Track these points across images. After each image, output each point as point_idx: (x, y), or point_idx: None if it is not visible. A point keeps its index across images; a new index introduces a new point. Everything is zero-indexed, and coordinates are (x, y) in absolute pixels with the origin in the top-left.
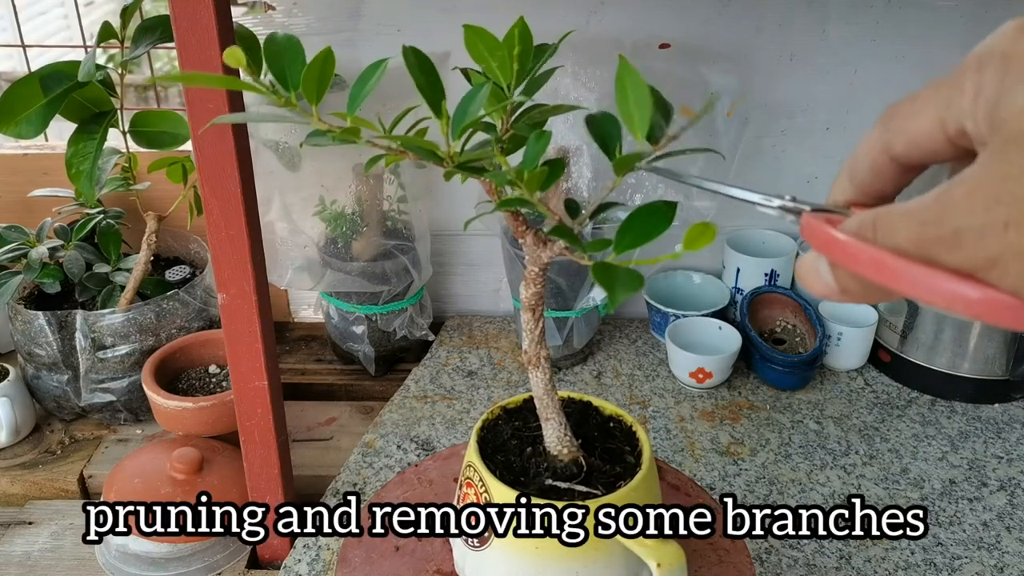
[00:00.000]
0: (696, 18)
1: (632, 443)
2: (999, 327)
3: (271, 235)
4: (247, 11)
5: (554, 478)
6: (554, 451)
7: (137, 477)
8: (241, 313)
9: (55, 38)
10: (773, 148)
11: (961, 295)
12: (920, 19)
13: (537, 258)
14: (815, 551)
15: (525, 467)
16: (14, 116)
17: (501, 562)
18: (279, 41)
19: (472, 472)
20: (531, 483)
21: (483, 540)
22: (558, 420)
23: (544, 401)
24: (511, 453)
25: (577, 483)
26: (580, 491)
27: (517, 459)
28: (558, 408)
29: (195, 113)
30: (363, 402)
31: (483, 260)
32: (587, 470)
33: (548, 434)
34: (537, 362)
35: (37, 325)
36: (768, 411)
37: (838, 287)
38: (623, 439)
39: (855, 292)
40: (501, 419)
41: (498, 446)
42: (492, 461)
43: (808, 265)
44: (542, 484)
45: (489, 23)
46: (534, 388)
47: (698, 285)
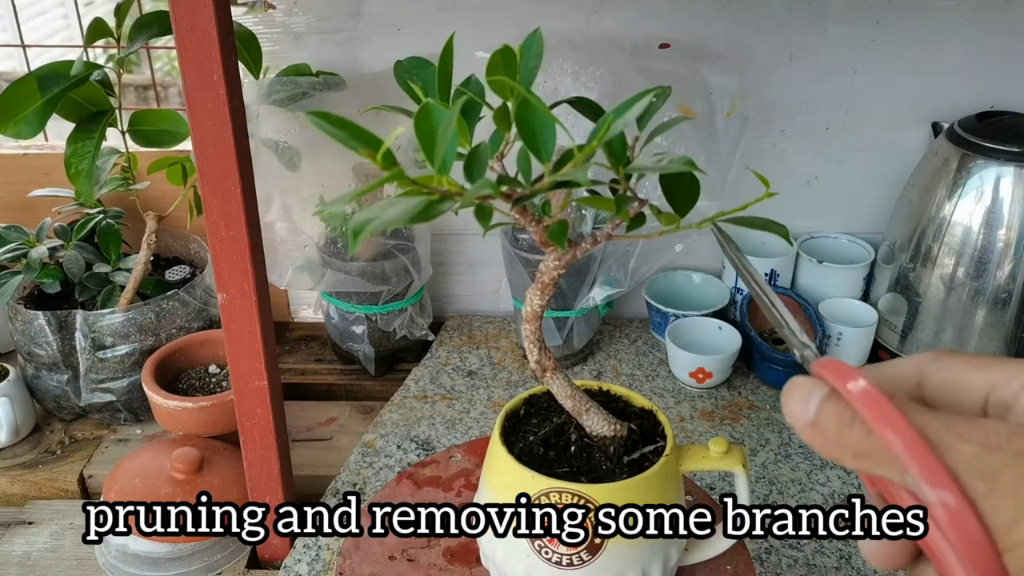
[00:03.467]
0: (696, 18)
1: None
2: (943, 534)
3: (271, 235)
4: (247, 11)
5: (627, 453)
6: (609, 432)
7: (137, 477)
8: (241, 313)
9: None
10: (773, 148)
11: (944, 502)
12: (920, 19)
13: (567, 261)
14: (815, 551)
15: (589, 463)
16: (12, 116)
17: (612, 570)
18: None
19: (557, 496)
20: (613, 472)
21: (594, 548)
22: (596, 406)
23: (576, 397)
24: (561, 463)
25: (643, 449)
26: (651, 450)
27: (573, 463)
28: (588, 398)
29: (195, 113)
30: (363, 402)
31: (483, 260)
32: (641, 433)
33: (594, 422)
34: (554, 367)
35: (37, 325)
36: (768, 411)
37: (814, 420)
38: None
39: (830, 437)
40: (512, 438)
41: (539, 462)
42: (552, 472)
43: (801, 387)
44: (622, 466)
45: (489, 22)
46: (559, 391)
47: (698, 285)
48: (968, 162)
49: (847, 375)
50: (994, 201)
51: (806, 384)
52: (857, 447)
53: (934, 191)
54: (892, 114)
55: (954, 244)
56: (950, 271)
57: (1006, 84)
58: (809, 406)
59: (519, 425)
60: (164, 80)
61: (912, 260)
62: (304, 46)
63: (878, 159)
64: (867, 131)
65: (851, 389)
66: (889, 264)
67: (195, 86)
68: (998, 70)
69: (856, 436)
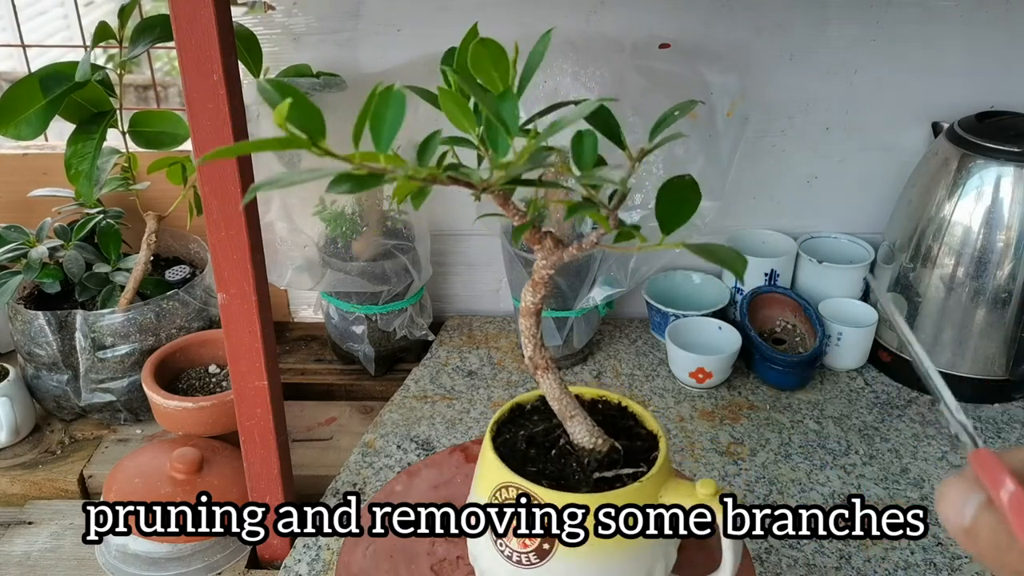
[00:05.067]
0: (696, 18)
1: (646, 438)
2: None
3: (271, 235)
4: (247, 11)
5: (600, 470)
6: (588, 444)
7: (137, 477)
8: (241, 313)
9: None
10: (773, 148)
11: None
12: (920, 19)
13: (553, 262)
14: (815, 551)
15: (562, 470)
16: (13, 117)
17: (568, 573)
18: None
19: (512, 491)
20: (579, 483)
21: (543, 553)
22: (582, 415)
23: (563, 401)
24: (536, 462)
25: (621, 469)
26: (629, 474)
27: (547, 465)
28: (577, 404)
29: (195, 113)
30: (363, 402)
31: (483, 260)
32: (624, 453)
33: (576, 430)
34: (546, 365)
35: (37, 325)
36: (768, 411)
37: (968, 528)
38: (632, 424)
39: (985, 548)
40: (504, 432)
41: (518, 458)
42: (525, 474)
43: (956, 490)
44: (590, 480)
45: (489, 22)
46: (548, 391)
47: (698, 285)
48: (968, 162)
49: (997, 477)
50: (994, 201)
51: (962, 488)
52: (1016, 568)
53: (934, 191)
54: (892, 114)
55: (954, 244)
56: (950, 271)
57: (1006, 84)
58: (964, 512)
59: (519, 419)
60: (164, 80)
61: (912, 260)
62: (304, 47)
63: (878, 159)
64: (867, 131)
65: (1003, 498)
66: (889, 264)
67: (195, 86)
68: (998, 70)
69: (1015, 559)
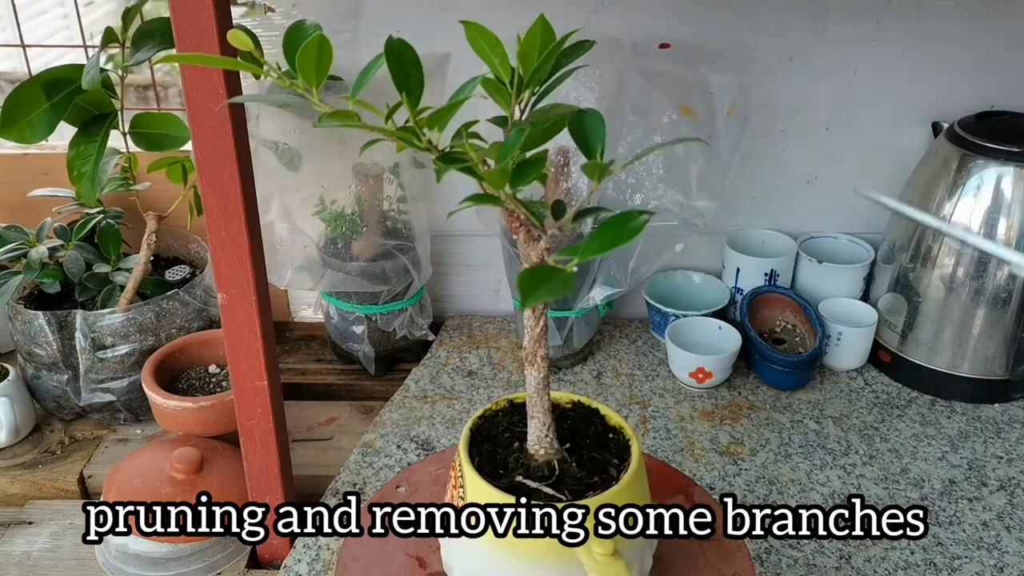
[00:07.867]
0: (696, 18)
1: (623, 457)
2: None
3: (271, 235)
4: (247, 12)
5: (526, 476)
6: (532, 450)
7: (137, 477)
8: (241, 313)
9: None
10: (773, 148)
11: None
12: (920, 19)
13: (528, 256)
14: (815, 551)
15: (506, 460)
16: (17, 121)
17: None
18: (304, 29)
19: (457, 458)
20: (505, 477)
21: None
22: (542, 420)
23: (533, 399)
24: (500, 445)
25: (547, 485)
26: (545, 493)
27: (502, 451)
28: (546, 408)
29: (195, 113)
30: (363, 402)
31: (483, 260)
32: (559, 474)
33: (530, 432)
34: (534, 360)
35: (37, 325)
36: (768, 411)
37: None
38: (616, 452)
39: None
40: (504, 411)
41: (491, 436)
42: (479, 449)
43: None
44: (512, 480)
45: (490, 22)
46: (527, 385)
47: (698, 285)
48: (968, 162)
49: None
50: (994, 201)
51: None
52: None
53: (934, 191)
54: (892, 114)
55: (954, 244)
56: (950, 271)
57: (1006, 84)
58: None
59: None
60: (164, 80)
61: (912, 260)
62: None
63: (878, 159)
64: (867, 131)
65: None
66: (889, 264)
67: (195, 86)
68: (998, 70)
69: None
